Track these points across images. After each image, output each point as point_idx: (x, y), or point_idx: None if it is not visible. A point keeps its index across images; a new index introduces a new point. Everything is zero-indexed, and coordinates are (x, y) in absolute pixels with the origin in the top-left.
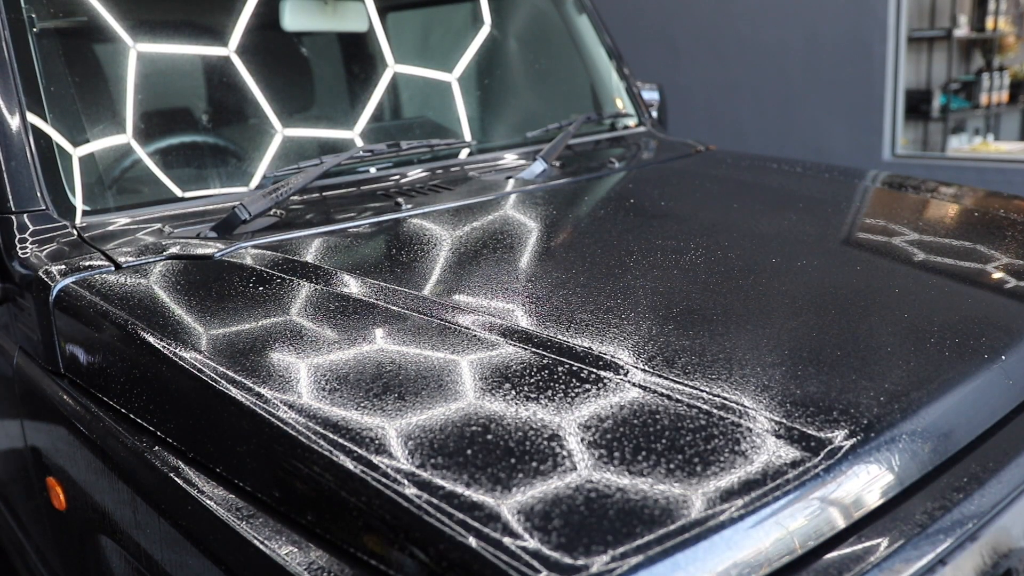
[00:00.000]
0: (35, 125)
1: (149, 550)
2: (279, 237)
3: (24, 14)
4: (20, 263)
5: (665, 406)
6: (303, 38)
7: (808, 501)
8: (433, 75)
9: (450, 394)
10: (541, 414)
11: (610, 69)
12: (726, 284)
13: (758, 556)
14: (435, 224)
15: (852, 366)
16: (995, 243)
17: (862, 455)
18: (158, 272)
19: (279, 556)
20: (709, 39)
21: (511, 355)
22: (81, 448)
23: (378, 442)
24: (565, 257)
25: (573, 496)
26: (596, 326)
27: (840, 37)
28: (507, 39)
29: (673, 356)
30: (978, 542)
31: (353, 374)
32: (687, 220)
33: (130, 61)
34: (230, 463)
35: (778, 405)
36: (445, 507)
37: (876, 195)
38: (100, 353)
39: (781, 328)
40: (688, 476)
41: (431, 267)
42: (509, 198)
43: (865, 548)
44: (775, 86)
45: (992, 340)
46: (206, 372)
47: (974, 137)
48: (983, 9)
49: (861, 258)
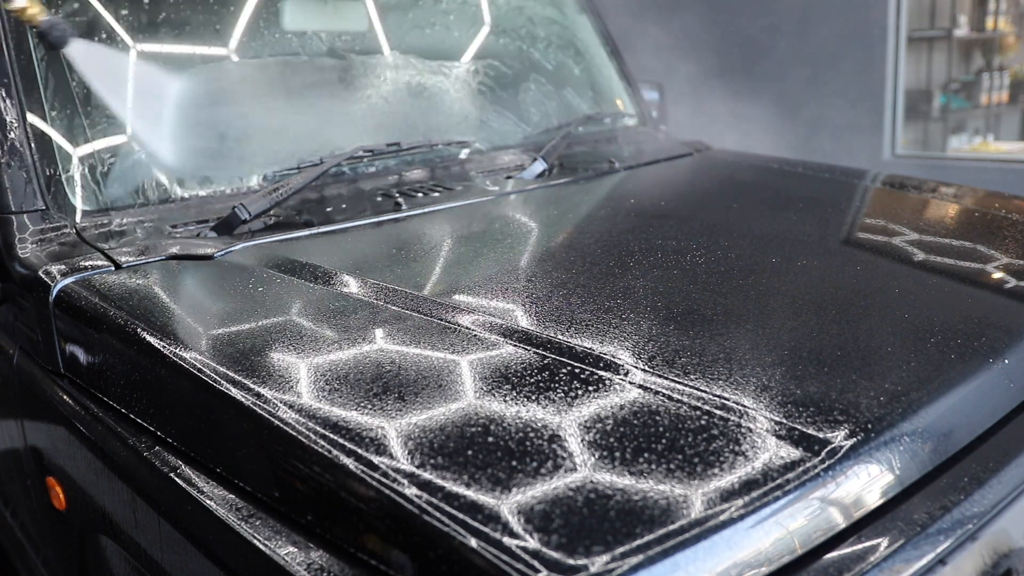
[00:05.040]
0: (35, 125)
1: (149, 550)
2: (279, 237)
3: None
4: (20, 263)
5: (665, 406)
6: (303, 38)
7: (808, 501)
8: (433, 75)
9: (450, 394)
10: (541, 414)
11: (610, 69)
12: (726, 284)
13: (758, 556)
14: (435, 224)
15: (852, 366)
16: (995, 243)
17: (862, 455)
18: (158, 272)
19: (279, 556)
20: (709, 38)
21: (511, 355)
22: (81, 448)
23: (378, 442)
24: (565, 257)
25: (573, 496)
26: (596, 326)
27: (840, 37)
28: (507, 39)
29: (673, 356)
30: (978, 542)
31: (353, 374)
32: (687, 220)
33: (130, 61)
34: (230, 463)
35: (778, 405)
36: (445, 507)
37: (876, 195)
38: (100, 353)
39: (781, 328)
40: (688, 476)
41: (431, 267)
42: (509, 198)
43: (865, 548)
44: (775, 86)
45: (992, 340)
46: (206, 372)
47: (974, 137)
48: (983, 9)
49: (861, 258)
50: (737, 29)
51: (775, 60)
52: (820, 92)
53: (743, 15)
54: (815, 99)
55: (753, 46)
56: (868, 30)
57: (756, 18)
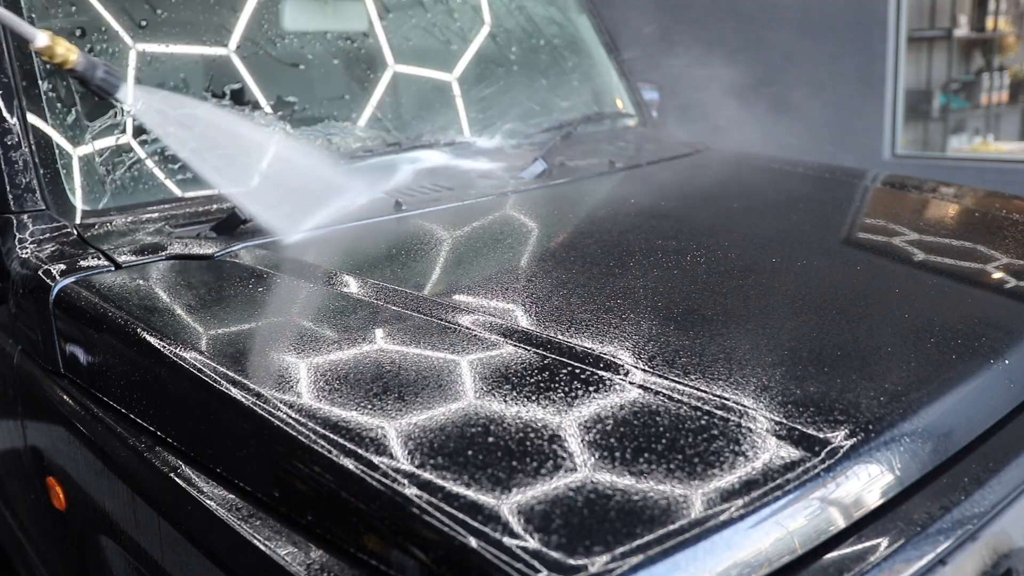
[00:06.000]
0: (35, 125)
1: (149, 550)
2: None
3: (24, 13)
4: (20, 263)
5: (665, 406)
6: (304, 37)
7: (808, 501)
8: (433, 75)
9: (450, 394)
10: (541, 414)
11: (610, 68)
12: (726, 284)
13: (758, 556)
14: (435, 224)
15: (852, 366)
16: (995, 243)
17: (862, 455)
18: (158, 272)
19: (279, 556)
20: (709, 38)
21: (511, 355)
22: (81, 448)
23: (378, 442)
24: (565, 257)
25: (573, 496)
26: (596, 326)
27: (840, 37)
28: (508, 38)
29: (673, 356)
30: (978, 542)
31: (353, 374)
32: (687, 220)
33: (130, 60)
34: (230, 463)
35: (778, 405)
36: (445, 507)
37: (876, 195)
38: (100, 353)
39: (781, 328)
40: (688, 476)
41: (431, 267)
42: (509, 198)
43: (865, 548)
44: (775, 85)
45: (992, 340)
46: (206, 372)
47: (974, 137)
48: (983, 9)
49: (861, 258)
50: (737, 28)
51: (775, 60)
52: (820, 92)
53: (743, 15)
54: (815, 99)
55: (753, 46)
56: (868, 30)
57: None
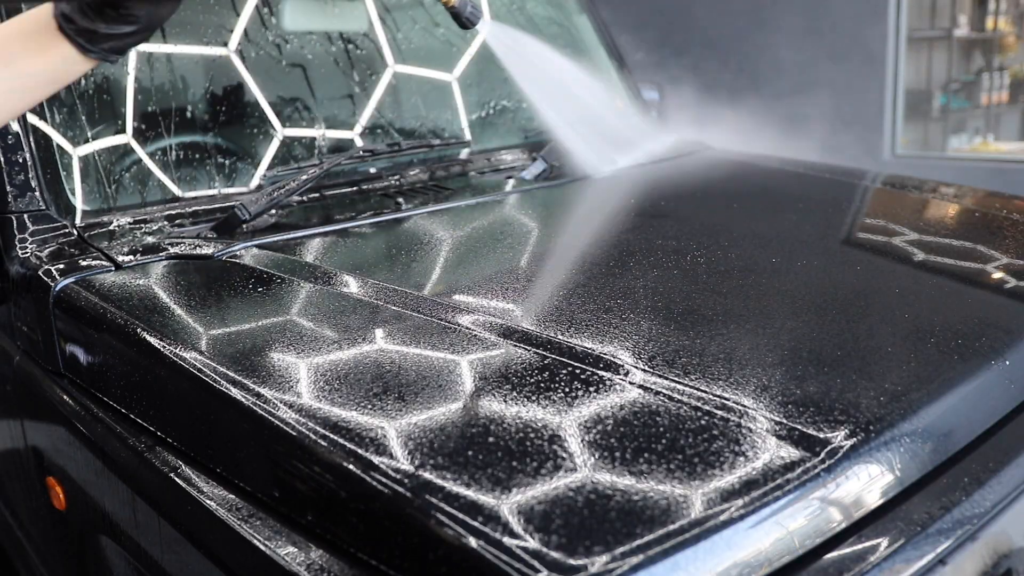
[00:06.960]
0: (35, 125)
1: (149, 550)
2: (279, 237)
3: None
4: (20, 263)
5: (665, 406)
6: (304, 38)
7: (808, 501)
8: (433, 75)
9: (450, 394)
10: (541, 414)
11: (610, 69)
12: (726, 284)
13: (758, 556)
14: (435, 224)
15: (852, 366)
16: (995, 243)
17: (862, 455)
18: (158, 272)
19: (279, 556)
20: (708, 38)
21: (511, 355)
22: (81, 448)
23: (378, 442)
24: (565, 257)
25: (573, 496)
26: (596, 326)
27: (840, 37)
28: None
29: (673, 356)
30: (978, 542)
31: (353, 374)
32: (687, 220)
33: (130, 61)
34: (230, 463)
35: (778, 405)
36: (445, 507)
37: (876, 195)
38: (100, 353)
39: (781, 328)
40: (688, 476)
41: (431, 267)
42: (509, 198)
43: (865, 548)
44: (774, 85)
45: (992, 340)
46: (206, 372)
47: (974, 137)
48: (983, 9)
49: (861, 258)
50: (737, 29)
51: (775, 60)
52: (820, 92)
53: (742, 15)
54: (815, 99)
55: (752, 46)
56: (868, 30)
57: (756, 17)
